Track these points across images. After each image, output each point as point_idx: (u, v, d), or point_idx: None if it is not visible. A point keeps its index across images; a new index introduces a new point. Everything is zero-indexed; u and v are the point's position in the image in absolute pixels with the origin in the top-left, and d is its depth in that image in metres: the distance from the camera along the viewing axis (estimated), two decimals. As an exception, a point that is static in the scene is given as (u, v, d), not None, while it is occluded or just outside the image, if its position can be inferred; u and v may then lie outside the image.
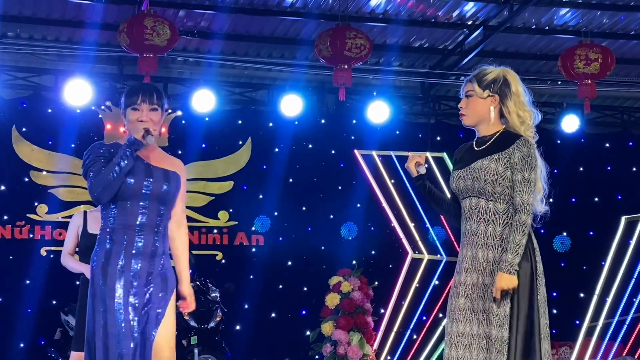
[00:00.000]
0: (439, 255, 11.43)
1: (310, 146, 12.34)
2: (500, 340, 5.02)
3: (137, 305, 4.95)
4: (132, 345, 4.89)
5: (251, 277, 11.82)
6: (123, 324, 4.89)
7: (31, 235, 11.36)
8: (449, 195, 5.52)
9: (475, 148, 5.30)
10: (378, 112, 11.87)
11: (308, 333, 10.92)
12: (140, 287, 4.99)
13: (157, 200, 5.10)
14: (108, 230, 5.07)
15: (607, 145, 13.31)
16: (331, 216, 12.30)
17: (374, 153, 11.48)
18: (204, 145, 11.76)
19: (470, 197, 5.21)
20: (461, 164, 5.30)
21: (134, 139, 5.08)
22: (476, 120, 5.31)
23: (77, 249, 7.51)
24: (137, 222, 5.05)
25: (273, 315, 12.00)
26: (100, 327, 4.93)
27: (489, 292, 5.07)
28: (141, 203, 5.07)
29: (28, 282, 11.22)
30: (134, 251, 5.02)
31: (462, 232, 5.25)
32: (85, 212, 7.59)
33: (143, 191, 5.07)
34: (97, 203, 5.16)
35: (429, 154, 11.70)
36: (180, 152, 11.05)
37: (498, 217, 5.19)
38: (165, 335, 5.08)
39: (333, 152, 12.39)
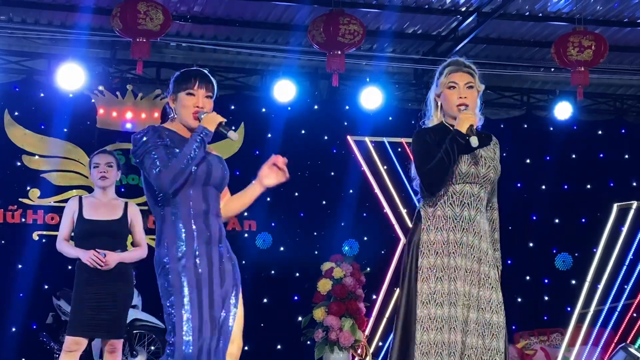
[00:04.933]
0: (431, 242, 11.43)
1: (303, 132, 12.34)
2: (497, 325, 5.13)
3: (216, 296, 4.82)
4: (214, 336, 4.79)
5: (243, 262, 11.81)
6: (205, 317, 4.76)
7: (23, 220, 11.34)
8: None
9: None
10: (371, 98, 11.87)
11: (300, 319, 10.94)
12: (215, 276, 4.84)
13: (215, 186, 5.01)
14: (171, 220, 4.89)
15: (600, 132, 13.33)
16: (323, 202, 12.30)
17: (367, 139, 11.48)
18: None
19: (473, 184, 5.26)
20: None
21: (208, 131, 4.91)
22: (472, 111, 5.31)
23: (72, 235, 7.52)
24: (203, 209, 4.90)
25: (265, 300, 12.00)
26: (181, 326, 4.75)
27: (483, 279, 5.16)
28: (203, 189, 4.94)
29: (20, 266, 11.21)
30: (205, 239, 4.88)
31: (447, 215, 5.23)
32: (80, 198, 7.60)
33: (204, 178, 4.94)
34: (160, 191, 4.88)
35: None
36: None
37: (486, 210, 5.34)
38: (238, 326, 5.00)
39: (326, 137, 12.39)
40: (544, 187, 13.02)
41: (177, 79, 5.09)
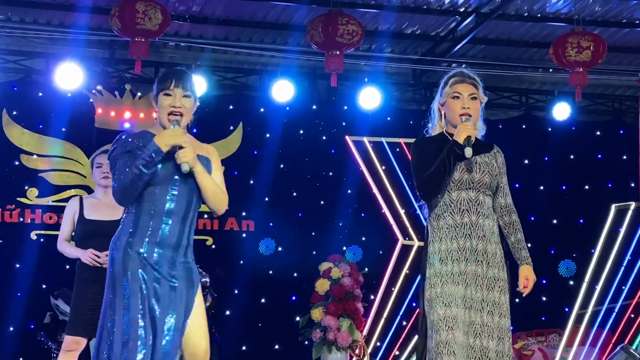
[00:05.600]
0: (429, 242, 11.41)
1: (301, 132, 12.33)
2: (504, 328, 5.32)
3: (159, 294, 4.82)
4: (151, 336, 4.77)
5: (241, 262, 11.82)
6: (143, 313, 4.77)
7: (21, 219, 11.33)
8: None
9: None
10: (369, 98, 11.87)
11: (298, 319, 10.93)
12: (163, 277, 4.85)
13: (186, 188, 4.96)
14: (133, 213, 4.92)
15: (598, 133, 13.33)
16: (322, 202, 12.30)
17: (365, 139, 11.48)
18: (195, 130, 11.65)
19: (469, 190, 5.40)
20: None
21: (159, 151, 4.85)
22: (475, 121, 5.50)
23: (72, 235, 7.52)
24: (165, 209, 4.89)
25: (263, 300, 11.99)
26: (121, 314, 4.78)
27: (492, 283, 5.34)
28: (170, 189, 4.92)
29: (18, 265, 11.20)
30: (157, 239, 4.87)
31: (453, 224, 5.40)
32: (81, 198, 7.61)
33: (174, 177, 4.92)
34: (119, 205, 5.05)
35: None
36: (171, 136, 11.02)
37: (491, 212, 5.44)
38: (199, 327, 4.97)
39: (324, 138, 12.39)
40: (542, 187, 13.02)
41: (157, 79, 5.13)
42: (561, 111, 12.47)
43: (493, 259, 5.36)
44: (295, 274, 11.97)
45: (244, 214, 11.92)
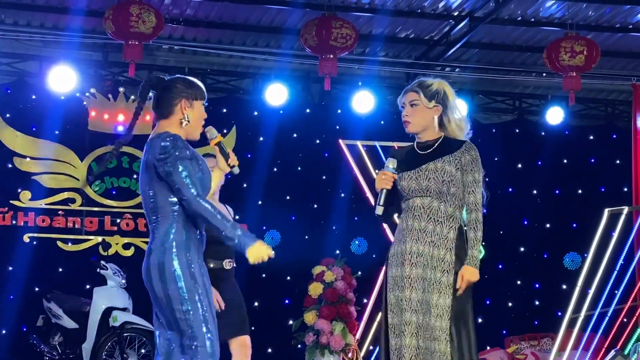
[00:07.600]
0: (422, 246, 11.42)
1: (295, 135, 12.33)
2: (439, 329, 5.40)
3: (211, 299, 5.13)
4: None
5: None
6: (214, 317, 5.16)
7: (14, 222, 11.31)
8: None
9: (420, 152, 5.62)
10: (363, 102, 11.88)
11: (291, 322, 10.92)
12: (207, 281, 5.13)
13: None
14: (183, 227, 4.96)
15: (591, 137, 13.34)
16: (315, 206, 12.30)
17: (359, 143, 11.50)
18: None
19: (422, 197, 5.55)
20: (407, 165, 5.61)
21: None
22: (421, 127, 5.63)
23: None
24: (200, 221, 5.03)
25: (256, 304, 11.98)
26: (202, 324, 5.07)
27: (432, 285, 5.45)
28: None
29: (11, 268, 11.18)
30: (200, 247, 5.08)
31: (403, 227, 5.59)
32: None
33: (207, 189, 5.08)
34: (187, 209, 5.02)
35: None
36: (164, 140, 11.02)
37: (446, 219, 5.53)
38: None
39: (318, 141, 12.39)
40: (535, 191, 13.04)
41: (195, 85, 5.04)
42: (554, 115, 12.49)
43: (439, 263, 5.47)
44: (288, 277, 11.96)
45: (237, 217, 11.84)
